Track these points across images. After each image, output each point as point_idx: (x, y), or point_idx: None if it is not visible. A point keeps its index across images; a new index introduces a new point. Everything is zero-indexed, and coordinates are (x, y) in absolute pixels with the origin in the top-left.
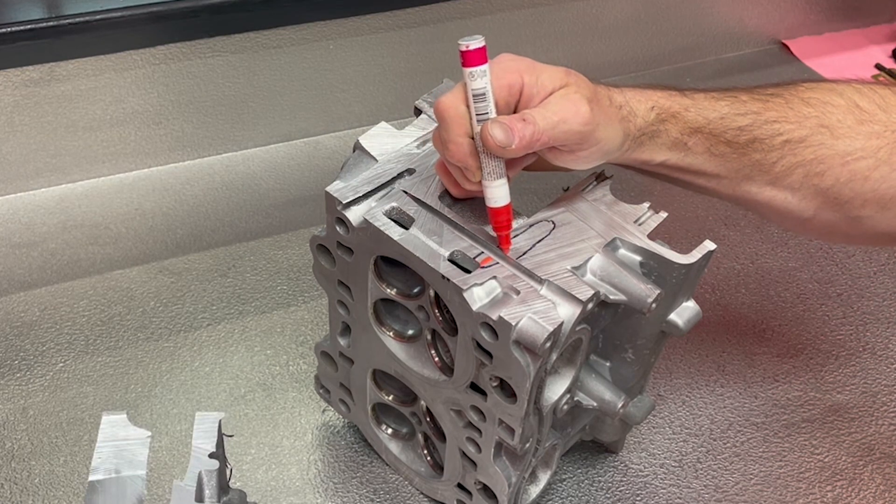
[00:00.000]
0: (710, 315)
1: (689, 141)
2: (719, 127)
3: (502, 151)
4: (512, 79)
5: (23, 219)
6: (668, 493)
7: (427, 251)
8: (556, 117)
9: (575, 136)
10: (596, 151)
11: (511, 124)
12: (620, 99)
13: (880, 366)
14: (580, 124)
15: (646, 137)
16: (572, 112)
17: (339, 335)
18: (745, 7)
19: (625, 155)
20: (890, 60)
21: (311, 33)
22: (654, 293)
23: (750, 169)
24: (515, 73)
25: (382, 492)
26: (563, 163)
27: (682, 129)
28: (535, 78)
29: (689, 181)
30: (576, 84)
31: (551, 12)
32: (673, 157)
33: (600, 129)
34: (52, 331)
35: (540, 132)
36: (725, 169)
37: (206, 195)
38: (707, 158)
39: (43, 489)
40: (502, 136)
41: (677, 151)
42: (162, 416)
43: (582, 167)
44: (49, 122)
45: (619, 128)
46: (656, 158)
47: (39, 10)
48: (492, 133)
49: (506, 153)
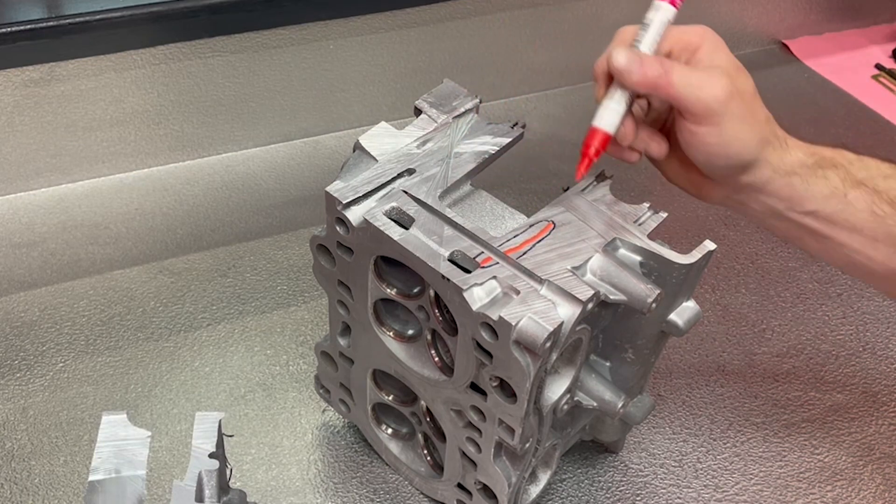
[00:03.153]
0: (710, 315)
1: (850, 193)
2: (883, 185)
3: (619, 74)
4: (694, 38)
5: (23, 219)
6: (668, 493)
7: (427, 251)
8: (693, 79)
9: (699, 106)
10: (719, 141)
11: (646, 59)
12: (778, 130)
13: (880, 366)
14: (710, 97)
15: (798, 179)
16: (709, 83)
17: (339, 335)
18: (745, 7)
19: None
20: (890, 60)
21: (311, 33)
22: (654, 293)
23: None
24: (700, 37)
25: (382, 492)
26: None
27: (844, 179)
28: (712, 50)
29: (842, 242)
30: (738, 76)
31: (551, 12)
32: (828, 207)
33: (730, 119)
34: (52, 331)
35: (668, 79)
36: (884, 232)
37: (206, 195)
38: (866, 217)
39: (43, 489)
40: (622, 60)
41: (834, 202)
42: (162, 416)
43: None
44: (49, 122)
45: (755, 136)
46: (808, 206)
47: (39, 10)
48: (615, 54)
49: (623, 78)
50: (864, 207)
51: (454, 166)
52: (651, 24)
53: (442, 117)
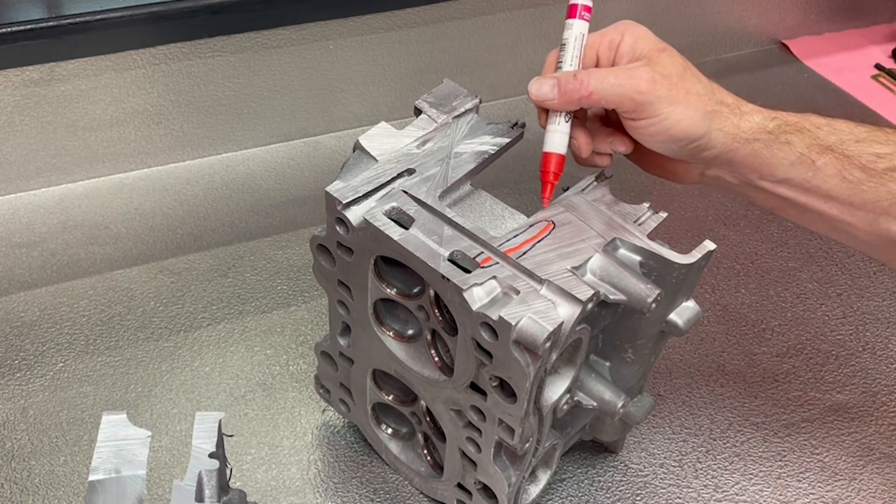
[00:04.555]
0: (710, 315)
1: (819, 160)
2: (854, 150)
3: (541, 103)
4: (615, 36)
5: (23, 219)
6: (668, 493)
7: (427, 251)
8: (611, 79)
9: (628, 102)
10: (660, 128)
11: (561, 78)
12: (726, 97)
13: (880, 366)
14: (633, 91)
15: (761, 145)
16: (627, 79)
17: (339, 335)
18: (745, 7)
19: (734, 156)
20: (890, 60)
21: (311, 33)
22: (654, 293)
23: (889, 203)
24: (619, 33)
25: (382, 492)
26: (638, 136)
27: (810, 145)
28: (633, 42)
29: (820, 210)
30: (659, 59)
31: (551, 12)
32: (797, 175)
33: (662, 105)
34: (52, 331)
35: (589, 90)
36: (859, 198)
37: (206, 195)
38: (838, 183)
39: (43, 489)
40: (534, 90)
41: (803, 169)
42: (162, 416)
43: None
44: (49, 122)
45: (695, 112)
46: (777, 174)
47: (39, 10)
48: (529, 88)
49: (545, 105)
50: (834, 173)
51: (454, 166)
52: (567, 42)
53: (442, 117)
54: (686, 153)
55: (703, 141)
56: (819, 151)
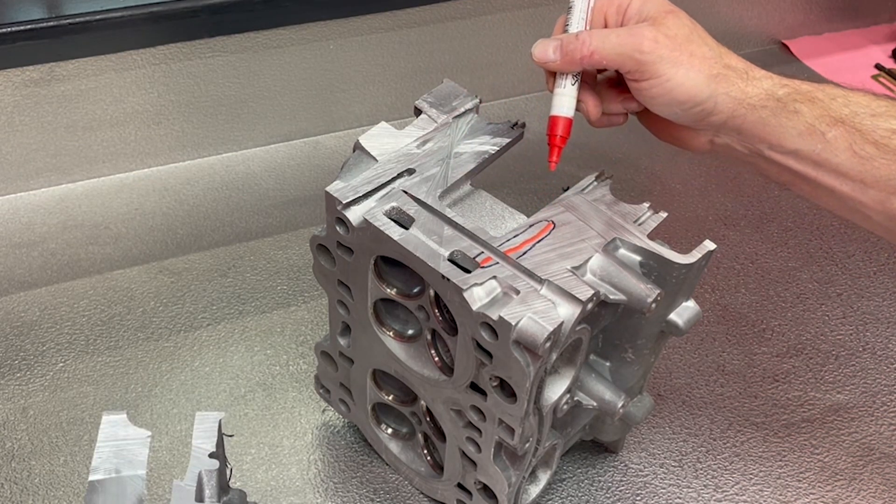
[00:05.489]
0: (710, 315)
1: (829, 132)
2: (868, 124)
3: (544, 66)
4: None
5: (23, 219)
6: (668, 493)
7: (427, 251)
8: (616, 40)
9: (630, 62)
10: (662, 90)
11: (564, 40)
12: (735, 61)
13: (880, 366)
14: (634, 50)
15: (768, 112)
16: (629, 39)
17: (339, 335)
18: (745, 7)
19: (741, 122)
20: (890, 60)
21: (311, 33)
22: (654, 293)
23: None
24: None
25: (382, 492)
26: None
27: (820, 116)
28: (641, 3)
29: (830, 186)
30: (665, 20)
31: (551, 12)
32: (806, 146)
33: (665, 64)
34: (52, 331)
35: (591, 50)
36: (871, 175)
37: (206, 195)
38: (849, 157)
39: (43, 489)
40: (537, 51)
41: (812, 141)
42: (162, 416)
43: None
44: (49, 122)
45: (700, 74)
46: (786, 144)
47: (39, 10)
48: (533, 48)
49: (548, 66)
50: (844, 147)
51: (454, 166)
52: (574, 4)
53: (442, 117)
54: (691, 117)
55: (709, 104)
56: (830, 123)
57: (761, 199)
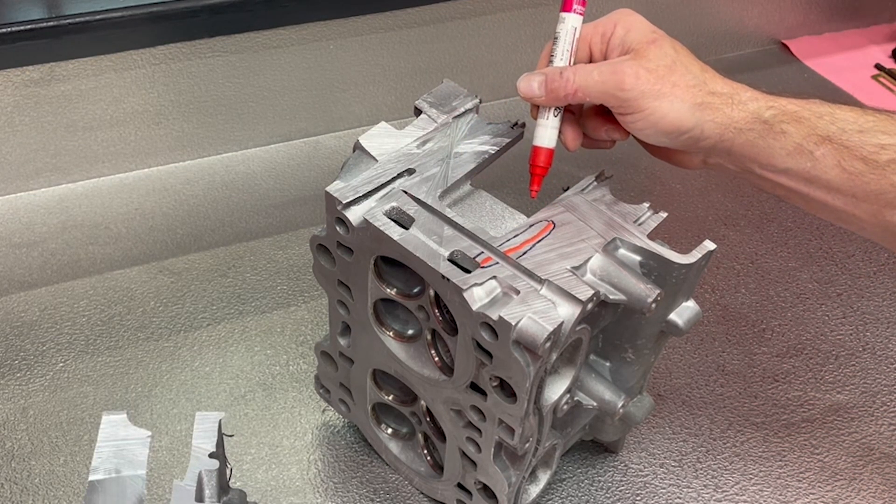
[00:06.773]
0: (710, 315)
1: (817, 150)
2: (856, 140)
3: (529, 99)
4: (607, 27)
5: (23, 219)
6: (668, 493)
7: (427, 251)
8: (598, 77)
9: (613, 99)
10: (647, 122)
11: (548, 74)
12: (720, 86)
13: (880, 366)
14: (615, 88)
15: (755, 135)
16: (610, 76)
17: (339, 335)
18: (745, 7)
19: (731, 145)
20: (890, 60)
21: (311, 33)
22: (654, 293)
23: (894, 195)
24: (612, 24)
25: (382, 492)
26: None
27: (807, 136)
28: (623, 34)
29: (823, 201)
30: (647, 52)
31: (551, 12)
32: (796, 165)
33: (647, 99)
34: (52, 331)
35: (574, 88)
36: (862, 190)
37: (206, 195)
38: (838, 174)
39: (43, 489)
40: (522, 86)
41: (801, 159)
42: (162, 416)
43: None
44: (49, 122)
45: (683, 105)
46: (776, 163)
47: (39, 10)
48: (518, 82)
49: (533, 101)
50: (833, 164)
51: (454, 166)
52: (559, 36)
53: (442, 117)
54: (680, 144)
55: (696, 132)
56: (817, 142)
57: (761, 199)
